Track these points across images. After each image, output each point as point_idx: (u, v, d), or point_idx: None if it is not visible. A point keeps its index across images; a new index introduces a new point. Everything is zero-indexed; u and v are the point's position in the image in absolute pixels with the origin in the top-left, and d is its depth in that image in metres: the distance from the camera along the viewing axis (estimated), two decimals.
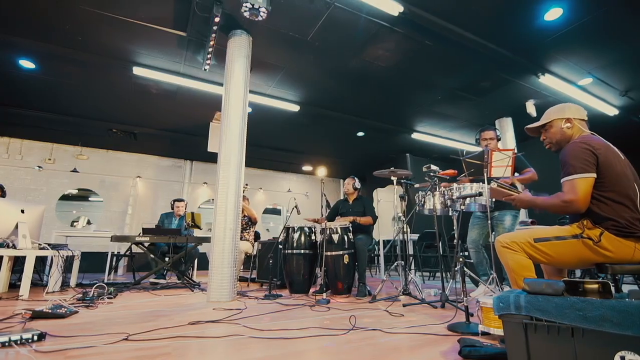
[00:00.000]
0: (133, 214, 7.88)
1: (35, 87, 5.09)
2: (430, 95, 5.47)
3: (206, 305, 2.80)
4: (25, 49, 4.12)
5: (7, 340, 1.56)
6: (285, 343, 1.66)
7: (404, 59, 4.40)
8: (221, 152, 3.36)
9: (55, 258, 3.50)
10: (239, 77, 3.58)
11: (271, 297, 3.14)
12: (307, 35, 3.91)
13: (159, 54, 4.26)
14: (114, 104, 5.66)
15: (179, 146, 7.83)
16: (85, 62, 4.42)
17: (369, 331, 1.89)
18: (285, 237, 3.61)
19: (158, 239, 4.19)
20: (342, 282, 3.28)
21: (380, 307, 2.70)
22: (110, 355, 1.45)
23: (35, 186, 7.12)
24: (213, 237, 3.15)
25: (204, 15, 3.49)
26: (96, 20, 3.64)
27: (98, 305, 2.70)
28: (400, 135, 7.15)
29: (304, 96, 5.46)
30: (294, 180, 10.44)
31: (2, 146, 7.01)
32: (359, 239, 3.43)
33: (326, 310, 2.56)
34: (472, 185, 2.77)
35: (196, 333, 1.83)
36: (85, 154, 7.45)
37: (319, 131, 7.00)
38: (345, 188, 4.00)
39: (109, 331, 1.85)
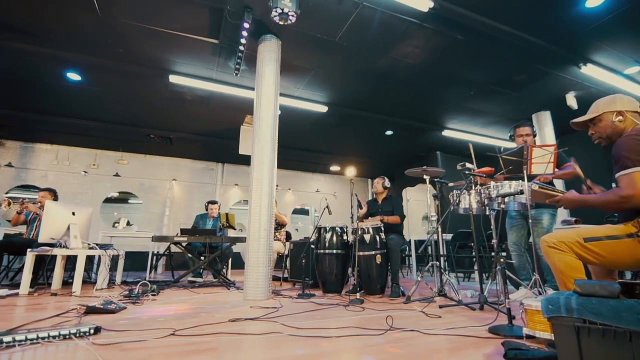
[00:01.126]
0: (170, 215, 8.24)
1: (80, 98, 5.45)
2: (462, 91, 5.32)
3: (243, 303, 2.88)
4: (72, 62, 4.43)
5: (67, 333, 1.70)
6: (324, 341, 1.68)
7: (433, 55, 4.32)
8: (254, 155, 3.45)
9: (102, 257, 3.74)
10: (269, 80, 3.66)
11: (305, 296, 3.18)
12: (335, 36, 3.92)
13: (193, 61, 4.44)
14: (151, 111, 5.95)
15: (211, 149, 8.10)
16: (125, 73, 4.68)
17: (407, 332, 1.87)
18: (317, 237, 3.65)
19: (195, 239, 4.36)
20: (375, 282, 3.27)
21: (415, 308, 2.67)
22: (160, 349, 1.54)
23: (81, 190, 7.62)
24: (248, 237, 3.24)
25: (235, 23, 3.60)
26: (136, 32, 3.85)
27: (143, 302, 2.86)
28: (430, 133, 7.01)
29: (332, 97, 5.48)
30: (322, 180, 10.49)
31: (52, 153, 7.56)
32: (391, 238, 3.41)
33: (361, 310, 2.56)
34: (511, 183, 2.68)
35: (237, 330, 1.89)
36: (126, 159, 7.89)
37: (347, 131, 7.00)
38: (375, 188, 3.98)
39: (156, 326, 1.96)
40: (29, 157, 7.38)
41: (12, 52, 4.21)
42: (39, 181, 7.29)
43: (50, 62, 4.44)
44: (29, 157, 7.38)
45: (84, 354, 1.45)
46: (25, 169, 7.29)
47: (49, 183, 7.16)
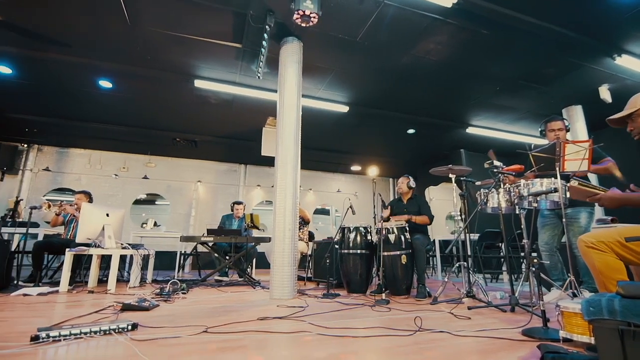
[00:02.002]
0: (196, 215, 8.47)
1: (111, 104, 5.69)
2: (488, 87, 5.18)
3: (270, 302, 2.93)
4: (104, 70, 4.64)
5: (107, 329, 1.79)
6: (353, 341, 1.69)
7: (457, 51, 4.23)
8: (278, 156, 3.50)
9: (135, 256, 3.89)
10: (291, 82, 3.69)
11: (330, 296, 3.19)
12: (356, 36, 3.92)
13: (217, 66, 4.55)
14: (177, 115, 6.14)
15: (234, 151, 8.26)
16: (153, 79, 4.86)
17: (436, 333, 1.85)
18: (341, 237, 3.65)
19: (221, 239, 4.47)
20: (400, 282, 3.24)
21: (443, 309, 2.63)
22: (194, 345, 1.59)
23: (112, 192, 7.96)
24: (273, 237, 3.29)
25: (258, 27, 3.66)
26: (163, 39, 3.99)
27: (175, 300, 2.96)
28: (454, 130, 6.86)
29: (353, 96, 5.47)
30: (342, 180, 10.48)
31: (85, 158, 7.94)
32: (417, 238, 3.36)
33: (387, 311, 2.55)
34: (542, 181, 2.59)
35: (267, 328, 1.93)
36: (153, 162, 8.18)
37: (368, 131, 6.96)
38: (399, 187, 3.93)
39: (188, 324, 2.02)
40: (64, 161, 7.78)
41: (50, 62, 4.45)
42: (74, 184, 7.68)
43: (84, 71, 4.67)
44: (64, 161, 7.78)
45: (124, 349, 1.52)
46: (61, 172, 7.69)
47: (83, 186, 7.53)
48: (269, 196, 9.32)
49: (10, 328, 1.91)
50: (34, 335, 1.60)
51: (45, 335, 1.61)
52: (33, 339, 1.59)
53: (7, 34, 3.83)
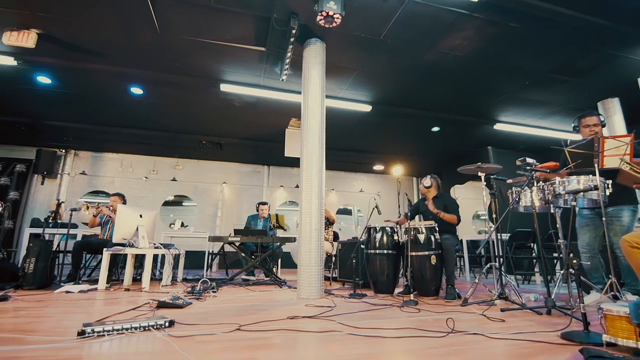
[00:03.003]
0: (222, 216, 8.68)
1: (141, 110, 5.93)
2: (516, 82, 5.01)
3: (297, 302, 2.96)
4: (135, 77, 4.84)
5: (146, 325, 1.86)
6: (384, 341, 1.68)
7: (484, 46, 4.11)
8: (303, 157, 3.53)
9: (167, 256, 4.04)
10: (315, 83, 3.72)
11: (357, 296, 3.19)
12: (379, 35, 3.89)
13: (242, 69, 4.64)
14: (203, 118, 6.32)
15: (258, 153, 8.39)
16: (180, 84, 5.02)
17: (470, 335, 1.81)
18: (367, 237, 3.64)
19: (247, 239, 4.56)
20: (429, 283, 3.19)
21: (474, 311, 2.56)
22: (229, 342, 1.63)
23: (143, 194, 8.28)
24: (300, 237, 3.32)
25: (282, 29, 3.71)
26: (190, 46, 4.12)
27: (206, 298, 3.05)
28: (481, 127, 6.67)
29: (377, 95, 5.44)
30: (365, 180, 10.42)
31: (117, 161, 8.31)
32: (446, 238, 3.30)
33: (417, 312, 2.52)
34: (580, 179, 2.48)
35: (297, 327, 1.95)
36: (181, 165, 8.45)
37: (392, 129, 6.89)
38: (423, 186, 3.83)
39: (221, 321, 2.08)
40: (98, 165, 8.18)
41: (85, 71, 4.69)
42: (107, 187, 8.05)
43: (117, 79, 4.89)
44: (98, 165, 8.18)
45: (163, 344, 1.58)
46: (96, 176, 8.09)
47: (116, 188, 7.87)
48: (292, 197, 9.41)
49: (57, 323, 2.03)
50: (80, 330, 1.69)
51: (90, 331, 1.70)
52: (80, 333, 1.68)
53: (47, 46, 4.07)
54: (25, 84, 5.06)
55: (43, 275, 3.54)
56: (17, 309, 2.46)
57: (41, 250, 3.53)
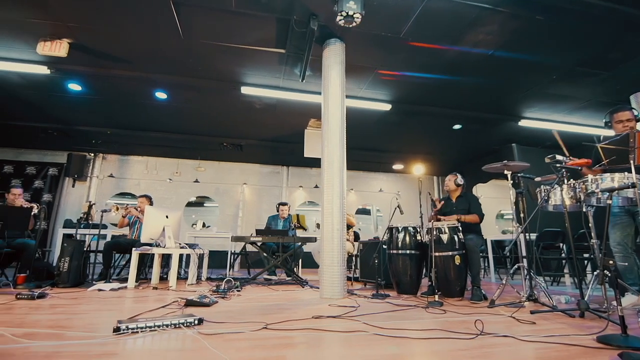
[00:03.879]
0: (243, 216, 8.82)
1: (165, 114, 6.11)
2: (542, 76, 4.84)
3: (320, 301, 2.97)
4: (160, 82, 4.99)
5: (177, 323, 1.92)
6: (412, 342, 1.67)
7: (508, 41, 4.00)
8: (324, 157, 3.54)
9: (192, 255, 4.14)
10: (335, 83, 3.72)
11: (379, 296, 3.17)
12: (399, 33, 3.85)
13: (262, 72, 4.71)
14: (224, 121, 6.44)
15: (278, 154, 8.47)
16: (203, 88, 5.14)
17: (500, 337, 1.77)
18: (389, 237, 3.61)
19: (269, 239, 4.62)
20: (453, 284, 3.13)
21: (502, 313, 2.50)
22: (258, 341, 1.66)
23: (167, 195, 8.52)
24: (322, 237, 3.33)
25: (301, 31, 3.73)
26: (213, 50, 4.21)
27: (231, 297, 3.11)
28: (505, 124, 6.49)
29: (396, 94, 5.38)
30: (384, 179, 10.33)
31: (143, 164, 8.58)
32: (470, 239, 3.23)
33: (442, 313, 2.48)
34: (614, 176, 2.38)
35: (323, 327, 1.96)
36: (203, 166, 8.64)
37: (412, 128, 6.81)
38: (446, 185, 3.77)
39: (248, 320, 2.12)
40: (125, 168, 8.48)
41: (113, 78, 4.88)
42: (134, 189, 8.33)
43: (143, 84, 5.05)
44: (125, 168, 8.48)
45: (194, 341, 1.63)
46: (123, 178, 8.39)
47: (142, 190, 8.13)
48: (311, 197, 9.44)
49: (92, 320, 2.12)
50: (116, 327, 1.76)
51: (125, 327, 1.77)
52: (115, 330, 1.75)
53: (78, 54, 4.25)
54: (57, 91, 5.31)
55: (77, 273, 3.71)
56: (54, 305, 2.59)
57: (75, 250, 3.70)
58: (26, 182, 7.68)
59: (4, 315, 2.18)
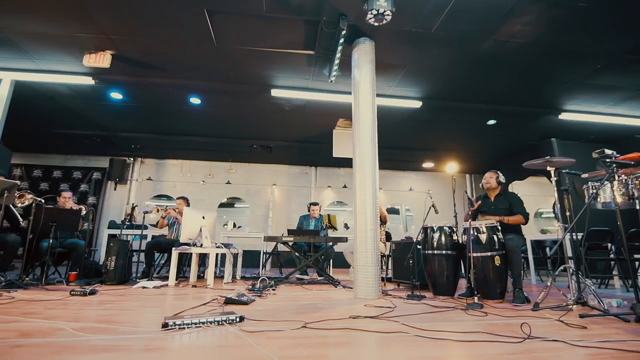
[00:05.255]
0: (273, 217, 8.97)
1: (199, 118, 6.33)
2: (585, 66, 4.56)
3: (355, 302, 2.97)
4: (194, 88, 5.18)
5: (220, 320, 1.99)
6: (456, 345, 1.63)
7: (548, 30, 3.80)
8: (355, 157, 3.53)
9: (227, 255, 4.27)
10: (366, 82, 3.70)
11: (415, 297, 3.12)
12: (431, 28, 3.77)
13: (292, 74, 4.77)
14: (254, 123, 6.58)
15: (306, 154, 8.54)
16: (234, 92, 5.28)
17: (549, 342, 1.69)
18: (424, 237, 3.54)
19: (300, 239, 4.66)
20: (493, 285, 3.02)
21: (548, 316, 2.39)
22: (299, 339, 1.69)
23: (201, 197, 8.83)
24: (355, 238, 3.33)
25: (331, 31, 3.74)
26: (244, 55, 4.31)
27: (267, 296, 3.17)
28: (543, 118, 6.17)
29: (427, 91, 5.27)
30: (413, 178, 10.14)
31: (177, 167, 8.94)
32: (510, 239, 3.10)
33: (483, 315, 2.40)
34: None
35: (361, 327, 1.96)
36: (234, 168, 8.88)
37: (443, 125, 6.63)
38: (487, 182, 3.60)
39: (286, 319, 2.15)
40: (161, 171, 8.87)
41: (151, 86, 5.12)
42: (170, 191, 8.70)
43: (178, 91, 5.27)
44: (161, 171, 8.87)
45: (237, 338, 1.68)
46: (160, 181, 8.78)
47: (178, 192, 8.48)
48: (340, 197, 9.44)
49: (140, 316, 2.24)
50: (164, 323, 1.85)
51: (172, 324, 1.86)
52: (164, 326, 1.84)
53: (120, 65, 4.51)
54: (101, 100, 5.64)
55: (122, 272, 3.93)
56: (103, 302, 2.75)
57: (120, 249, 3.92)
58: (73, 186, 8.23)
59: (62, 310, 2.35)
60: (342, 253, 6.85)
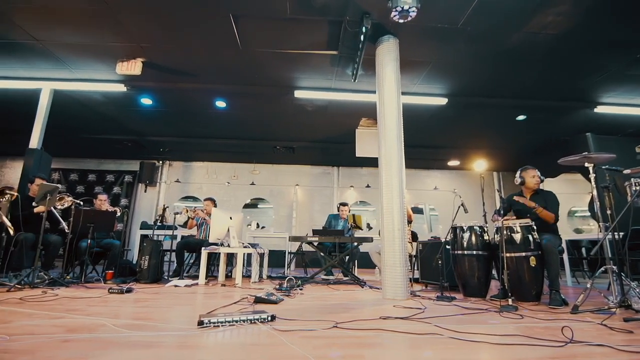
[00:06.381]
0: (297, 217, 9.04)
1: (224, 121, 6.48)
2: (623, 56, 4.33)
3: (383, 302, 2.94)
4: (220, 92, 5.31)
5: (252, 318, 2.02)
6: (494, 348, 1.58)
7: (584, 19, 3.63)
8: (381, 156, 3.50)
9: (254, 254, 4.34)
10: (390, 80, 3.66)
11: (445, 298, 3.05)
12: (457, 23, 3.69)
13: (315, 75, 4.79)
14: (277, 125, 6.66)
15: (328, 154, 8.56)
16: (258, 95, 5.37)
17: (593, 346, 1.61)
18: (453, 237, 3.46)
19: (325, 239, 4.67)
20: (528, 287, 2.91)
21: (590, 320, 2.27)
22: (332, 339, 1.69)
23: (226, 198, 9.02)
24: (383, 238, 3.30)
25: (354, 31, 3.73)
26: (268, 58, 4.38)
27: (295, 295, 3.20)
28: (577, 111, 5.91)
29: (453, 87, 5.16)
30: (438, 177, 9.94)
31: (204, 169, 9.18)
32: (547, 239, 2.97)
33: (519, 318, 2.32)
34: None
35: (393, 327, 1.94)
36: (258, 170, 9.02)
37: (469, 122, 6.47)
38: (533, 180, 3.37)
39: (317, 318, 2.16)
40: (188, 173, 9.14)
41: (178, 91, 5.29)
42: (197, 192, 8.95)
43: (204, 95, 5.42)
44: (188, 173, 9.14)
45: (270, 337, 1.70)
46: (187, 183, 9.06)
47: (204, 193, 8.71)
48: (363, 196, 9.39)
49: (175, 313, 2.31)
50: (200, 321, 1.91)
51: (207, 321, 1.91)
52: (199, 323, 1.89)
53: (150, 72, 4.68)
54: (131, 106, 5.88)
55: (155, 270, 4.07)
56: (139, 300, 2.86)
57: (153, 249, 4.07)
58: (106, 189, 8.63)
59: (102, 307, 2.47)
60: (366, 253, 6.83)
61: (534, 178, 3.37)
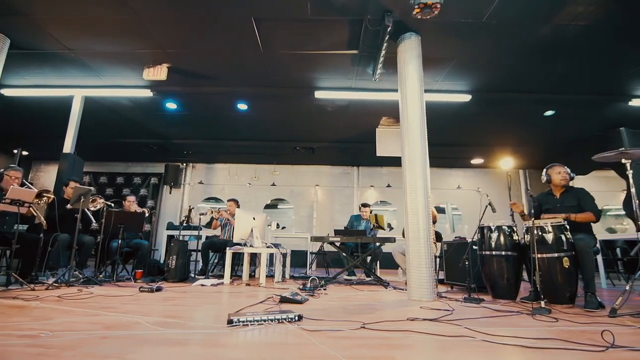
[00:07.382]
0: (317, 217, 9.06)
1: (245, 123, 6.58)
2: None
3: (409, 303, 2.90)
4: (241, 95, 5.40)
5: (280, 318, 2.04)
6: (531, 353, 1.53)
7: (616, 9, 3.46)
8: (404, 155, 3.46)
9: (277, 254, 4.38)
10: (413, 78, 3.62)
11: (473, 300, 2.98)
12: (481, 17, 3.59)
13: (335, 75, 4.79)
14: (298, 126, 6.70)
15: (348, 154, 8.53)
16: (279, 96, 5.42)
17: (637, 352, 1.53)
18: (480, 237, 3.37)
19: (347, 239, 4.66)
20: (561, 289, 2.80)
21: (630, 324, 2.16)
22: (361, 340, 1.68)
23: (247, 199, 9.15)
24: (407, 238, 3.26)
25: (375, 29, 3.71)
26: (289, 59, 4.42)
27: (319, 295, 3.20)
28: (610, 105, 5.64)
29: (477, 83, 5.03)
30: (461, 175, 9.72)
31: (225, 171, 9.35)
32: (580, 239, 2.85)
33: (553, 321, 2.23)
34: None
35: (422, 329, 1.91)
36: (278, 171, 9.10)
37: (494, 118, 6.29)
38: (563, 179, 3.24)
39: (343, 318, 2.16)
40: (211, 175, 9.33)
41: (201, 94, 5.42)
42: (219, 193, 9.13)
43: (226, 98, 5.52)
44: (211, 175, 9.33)
45: (300, 336, 1.71)
46: (210, 184, 9.25)
47: (226, 194, 8.88)
48: (383, 196, 9.31)
49: (204, 312, 2.36)
50: (229, 320, 1.94)
51: (236, 320, 1.94)
52: (229, 322, 1.93)
53: (175, 77, 4.81)
54: (157, 110, 6.07)
55: (182, 270, 4.18)
56: (168, 298, 2.95)
57: (180, 249, 4.18)
58: (134, 191, 8.94)
59: (135, 305, 2.55)
60: (389, 254, 6.76)
61: (559, 174, 3.23)
